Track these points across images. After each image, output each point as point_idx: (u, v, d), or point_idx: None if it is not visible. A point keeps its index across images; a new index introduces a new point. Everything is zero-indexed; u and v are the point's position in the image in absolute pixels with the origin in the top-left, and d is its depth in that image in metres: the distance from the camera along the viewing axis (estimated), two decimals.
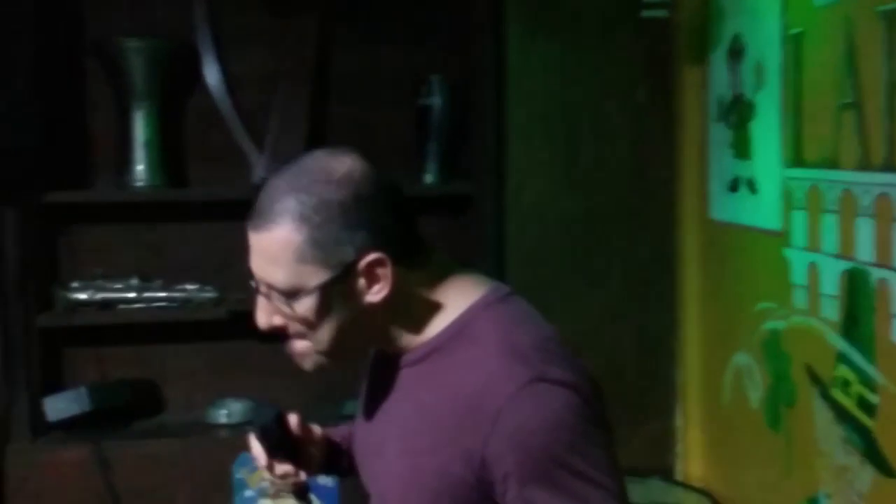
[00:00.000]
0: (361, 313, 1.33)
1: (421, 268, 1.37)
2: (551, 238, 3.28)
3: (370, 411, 1.51)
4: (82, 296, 3.21)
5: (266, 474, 1.61)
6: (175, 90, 3.29)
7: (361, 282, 1.31)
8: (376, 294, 1.31)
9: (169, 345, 3.37)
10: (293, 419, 1.60)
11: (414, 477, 1.33)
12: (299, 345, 1.38)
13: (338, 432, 1.73)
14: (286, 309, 1.32)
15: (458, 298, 1.38)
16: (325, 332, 1.34)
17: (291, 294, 1.30)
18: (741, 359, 2.90)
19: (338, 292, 1.31)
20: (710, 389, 3.18)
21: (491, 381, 1.25)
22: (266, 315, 1.36)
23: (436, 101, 3.28)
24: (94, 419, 3.16)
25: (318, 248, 1.28)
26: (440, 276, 1.39)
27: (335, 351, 1.37)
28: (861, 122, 2.21)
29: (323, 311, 1.31)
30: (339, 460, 1.71)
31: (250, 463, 2.77)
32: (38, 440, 3.17)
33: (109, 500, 3.09)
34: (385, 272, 1.30)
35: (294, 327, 1.35)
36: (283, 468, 1.57)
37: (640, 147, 3.30)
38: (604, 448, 1.27)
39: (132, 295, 3.23)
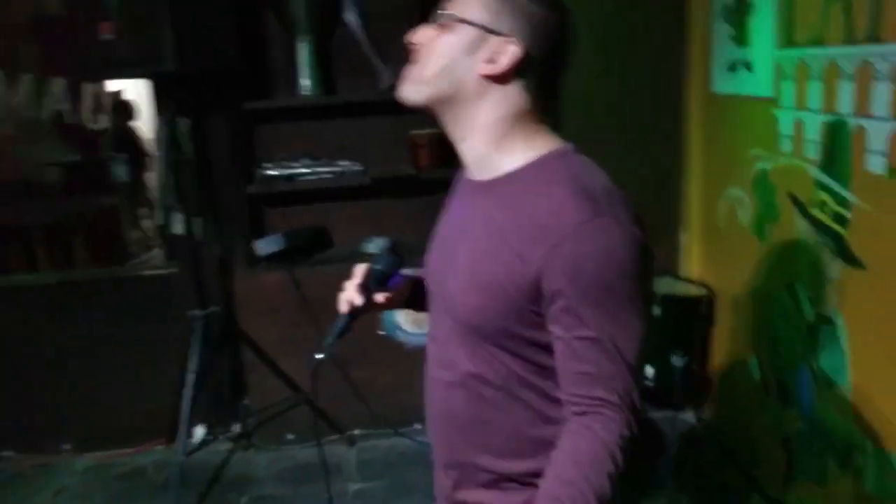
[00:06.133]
0: (466, 73, 1.04)
1: (533, 101, 1.05)
2: (595, 112, 2.95)
3: (445, 230, 1.21)
4: (273, 172, 3.07)
5: (357, 298, 1.21)
6: (326, 25, 3.01)
7: (487, 52, 1.02)
8: (486, 67, 1.02)
9: (331, 203, 3.19)
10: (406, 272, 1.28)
11: (475, 277, 1.05)
12: (411, 70, 1.08)
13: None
14: (436, 26, 1.06)
15: (539, 142, 1.06)
16: (435, 60, 1.04)
17: (449, 15, 1.04)
18: (734, 192, 2.63)
19: (471, 39, 1.03)
20: (707, 215, 2.91)
21: (562, 210, 0.97)
22: (416, 34, 1.08)
23: None
24: (287, 254, 3.05)
25: (497, 3, 1.02)
26: (537, 120, 1.07)
27: (429, 83, 1.06)
28: (848, 4, 1.86)
29: (450, 39, 1.04)
30: (419, 298, 1.30)
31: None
32: (252, 269, 3.09)
33: (301, 306, 3.01)
34: (507, 59, 1.01)
35: (419, 53, 1.07)
36: (380, 296, 1.25)
37: (660, 42, 2.93)
38: (642, 289, 0.99)
39: (305, 170, 3.06)
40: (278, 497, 2.77)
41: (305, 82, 2.98)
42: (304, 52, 2.95)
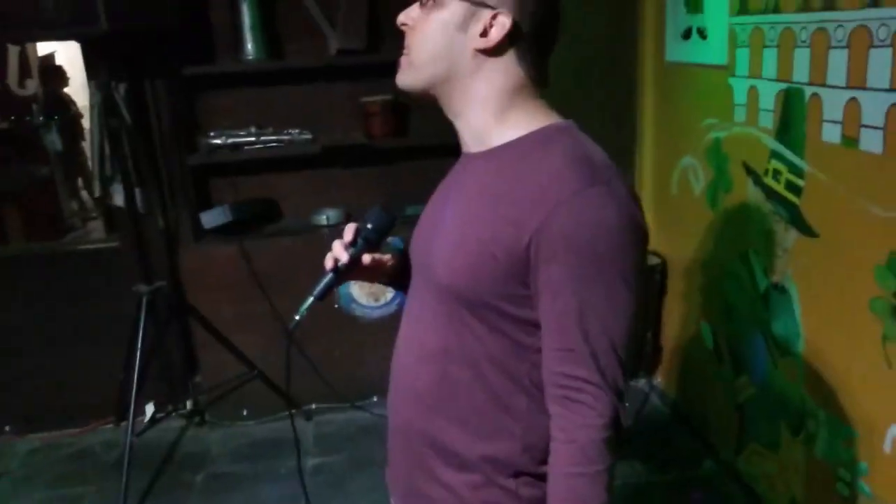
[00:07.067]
0: (461, 50, 1.00)
1: (528, 73, 1.01)
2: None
3: (435, 202, 1.15)
4: (217, 141, 2.93)
5: (343, 255, 1.12)
6: None
7: (479, 27, 0.98)
8: (479, 41, 0.98)
9: (280, 173, 3.07)
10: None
11: (464, 239, 1.00)
12: (403, 59, 1.05)
13: None
14: (419, 9, 1.03)
15: (538, 116, 1.03)
16: (427, 42, 1.01)
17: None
18: (687, 161, 2.63)
19: (462, 15, 0.99)
20: (660, 184, 2.90)
21: (560, 178, 0.93)
22: (405, 15, 1.04)
23: None
24: (234, 227, 2.97)
25: None
26: (536, 94, 1.04)
27: (425, 67, 1.02)
28: None
29: (441, 17, 1.00)
30: (407, 275, 1.22)
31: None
32: (198, 242, 2.98)
33: (251, 281, 2.93)
34: (499, 31, 0.97)
35: (411, 35, 1.03)
36: (367, 258, 1.14)
37: (613, 11, 2.88)
38: (635, 266, 0.95)
39: (252, 139, 2.93)
40: (234, 474, 2.71)
41: (250, 46, 2.84)
42: (248, 14, 2.80)
